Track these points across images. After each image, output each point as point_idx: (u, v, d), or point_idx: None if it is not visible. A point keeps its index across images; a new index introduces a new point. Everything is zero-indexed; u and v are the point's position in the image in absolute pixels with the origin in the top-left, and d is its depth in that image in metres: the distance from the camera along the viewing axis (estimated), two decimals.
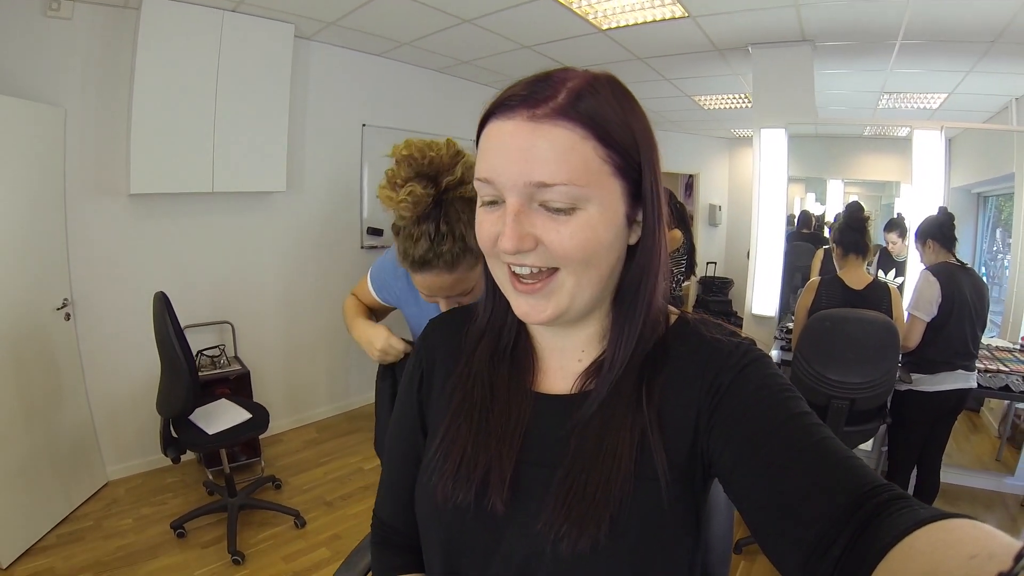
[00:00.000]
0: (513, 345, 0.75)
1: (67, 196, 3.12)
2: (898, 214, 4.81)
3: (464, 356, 0.76)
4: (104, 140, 3.21)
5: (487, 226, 0.62)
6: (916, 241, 3.03)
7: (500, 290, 0.69)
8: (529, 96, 0.57)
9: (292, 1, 3.32)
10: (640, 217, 0.64)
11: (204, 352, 3.64)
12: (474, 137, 0.64)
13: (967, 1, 2.84)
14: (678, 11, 3.28)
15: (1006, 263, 5.02)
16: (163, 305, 2.58)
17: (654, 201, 0.63)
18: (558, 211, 0.58)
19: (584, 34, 3.76)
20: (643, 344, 0.67)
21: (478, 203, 0.64)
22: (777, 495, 0.52)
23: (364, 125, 4.51)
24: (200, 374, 3.44)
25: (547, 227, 0.58)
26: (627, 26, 3.58)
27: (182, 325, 3.39)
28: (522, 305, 0.64)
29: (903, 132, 5.96)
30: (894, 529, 0.43)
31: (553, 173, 0.56)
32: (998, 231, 5.30)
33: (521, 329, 0.75)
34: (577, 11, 3.36)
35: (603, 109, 0.58)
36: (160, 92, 3.17)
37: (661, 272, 0.66)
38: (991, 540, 0.36)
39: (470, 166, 1.05)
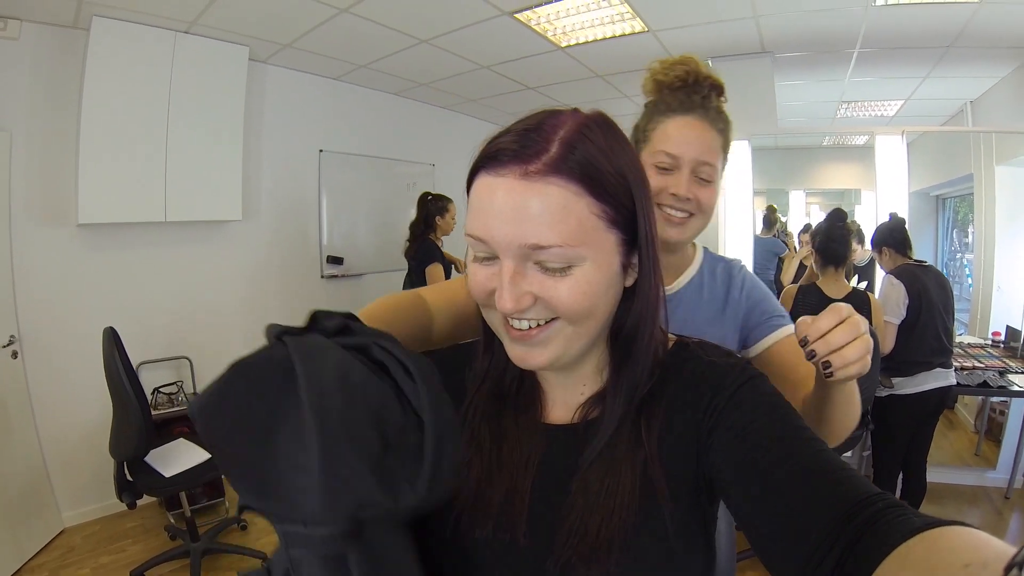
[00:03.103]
0: (518, 384, 0.74)
1: (12, 226, 2.97)
2: (852, 221, 4.90)
3: (468, 395, 0.75)
4: (51, 166, 3.07)
5: (481, 279, 0.61)
6: (872, 250, 3.12)
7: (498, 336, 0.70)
8: (520, 151, 0.56)
9: (246, 22, 3.26)
10: (635, 260, 0.64)
11: (160, 389, 3.46)
12: (431, 161, 0.59)
13: (923, 8, 2.91)
14: (637, 26, 3.30)
15: (965, 262, 5.15)
16: (112, 341, 2.44)
17: (649, 245, 0.64)
18: (553, 271, 0.57)
19: (543, 52, 3.76)
20: (644, 374, 0.68)
21: (470, 256, 0.63)
22: (773, 508, 0.53)
23: (321, 151, 4.43)
24: (157, 412, 3.29)
25: (544, 284, 0.58)
26: (586, 43, 3.60)
27: (137, 361, 3.27)
28: (517, 352, 0.63)
29: (860, 140, 6.13)
30: (889, 538, 0.43)
31: (547, 236, 0.55)
32: (955, 232, 5.45)
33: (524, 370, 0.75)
34: (536, 28, 3.36)
35: (596, 159, 0.57)
36: (110, 116, 3.06)
37: (660, 311, 0.68)
38: (985, 548, 0.37)
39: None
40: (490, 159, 0.58)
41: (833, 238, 2.82)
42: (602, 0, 3.02)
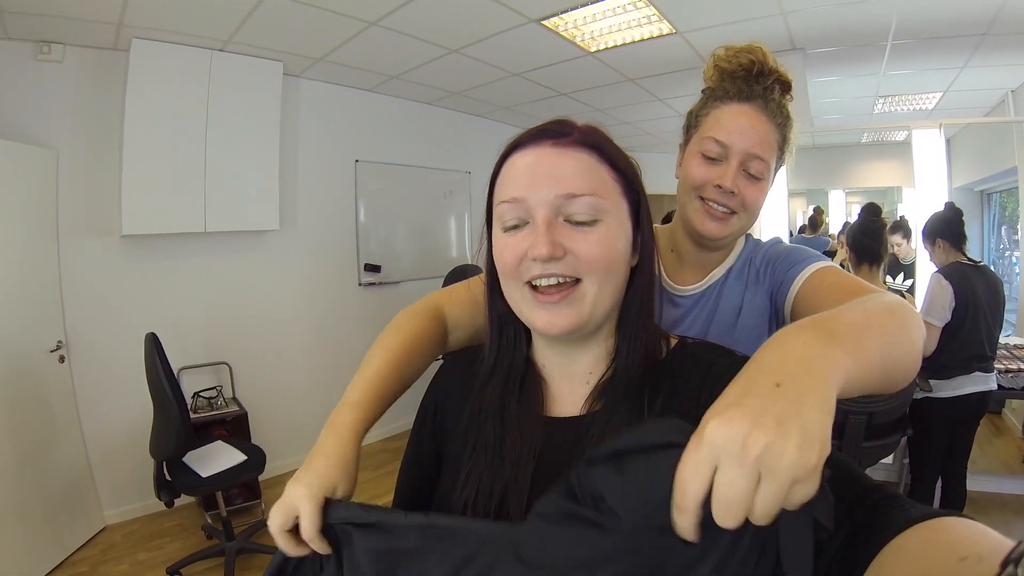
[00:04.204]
0: (522, 379, 0.77)
1: (60, 238, 3.12)
2: (901, 216, 4.75)
3: (475, 394, 0.79)
4: (96, 181, 3.22)
5: (512, 246, 0.67)
6: (924, 241, 2.92)
7: (506, 329, 0.77)
8: (549, 131, 0.68)
9: (279, 39, 3.35)
10: (638, 241, 0.72)
11: (200, 394, 3.57)
12: (467, 169, 0.62)
13: None
14: (665, 28, 3.27)
15: (1014, 259, 4.95)
16: (153, 346, 2.54)
17: (649, 228, 0.72)
18: (582, 223, 0.65)
19: (573, 58, 3.76)
20: (646, 364, 0.71)
21: (497, 227, 0.70)
22: None
23: (357, 161, 4.51)
24: (196, 416, 3.40)
25: (574, 237, 0.65)
26: (615, 47, 3.58)
27: (178, 366, 3.38)
28: (544, 316, 0.67)
29: (900, 136, 5.96)
30: (886, 529, 0.44)
31: (581, 185, 0.65)
32: (1003, 228, 5.24)
33: (529, 363, 0.78)
34: (564, 35, 3.36)
35: (608, 144, 0.70)
36: (150, 132, 3.18)
37: (655, 293, 0.74)
38: (982, 541, 0.37)
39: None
40: (525, 139, 0.69)
41: (866, 233, 2.67)
42: (628, 4, 3.00)
